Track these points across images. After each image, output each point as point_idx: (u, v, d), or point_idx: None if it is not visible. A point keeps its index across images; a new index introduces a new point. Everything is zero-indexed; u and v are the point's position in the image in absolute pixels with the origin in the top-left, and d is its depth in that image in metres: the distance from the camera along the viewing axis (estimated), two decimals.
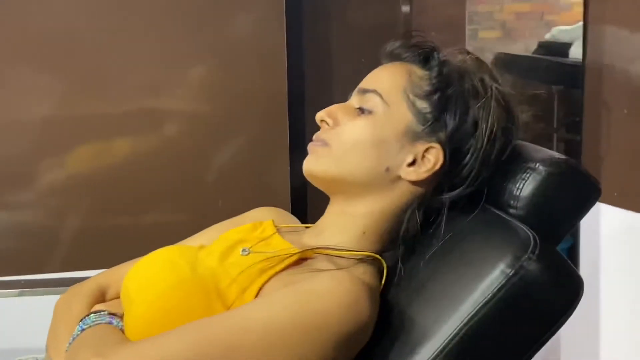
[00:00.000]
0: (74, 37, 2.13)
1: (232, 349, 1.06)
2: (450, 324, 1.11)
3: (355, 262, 1.21)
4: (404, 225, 1.24)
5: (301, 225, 1.40)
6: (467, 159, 1.22)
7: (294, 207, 2.20)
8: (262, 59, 2.22)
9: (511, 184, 1.22)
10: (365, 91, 1.26)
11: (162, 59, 2.19)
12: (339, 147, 1.23)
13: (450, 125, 1.22)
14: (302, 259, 1.22)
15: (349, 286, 1.12)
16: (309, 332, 1.08)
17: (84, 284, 1.35)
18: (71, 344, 1.17)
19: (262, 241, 1.29)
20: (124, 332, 1.17)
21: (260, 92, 2.22)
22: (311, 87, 2.36)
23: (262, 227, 1.34)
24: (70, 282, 1.42)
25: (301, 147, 2.14)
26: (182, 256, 1.25)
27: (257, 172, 2.25)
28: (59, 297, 1.35)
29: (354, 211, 1.25)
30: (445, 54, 1.27)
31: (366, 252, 1.24)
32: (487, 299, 1.10)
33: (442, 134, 1.22)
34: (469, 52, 1.28)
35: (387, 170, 1.23)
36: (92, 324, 1.18)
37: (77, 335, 1.17)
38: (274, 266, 1.18)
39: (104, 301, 1.32)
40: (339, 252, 1.22)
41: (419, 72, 1.25)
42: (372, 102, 1.24)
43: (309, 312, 1.09)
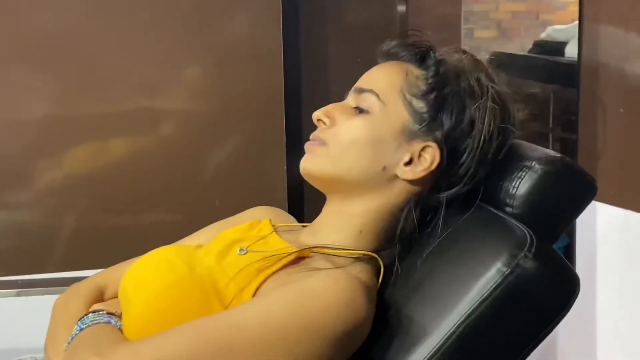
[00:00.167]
0: (71, 37, 2.13)
1: (230, 348, 1.06)
2: (447, 322, 1.11)
3: (352, 260, 1.21)
4: (401, 224, 1.24)
5: (298, 224, 1.40)
6: (464, 158, 1.22)
7: (291, 206, 2.20)
8: (259, 58, 2.21)
9: (507, 182, 1.21)
10: (361, 90, 1.26)
11: (159, 58, 2.18)
12: (336, 146, 1.23)
13: (446, 124, 1.22)
14: (299, 258, 1.22)
15: (345, 285, 1.12)
16: (306, 331, 1.08)
17: (82, 283, 1.35)
18: (70, 343, 1.17)
19: (260, 240, 1.29)
20: (122, 332, 1.17)
21: (256, 92, 2.22)
22: (307, 87, 2.36)
23: (259, 227, 1.34)
24: (68, 282, 1.42)
25: (298, 146, 2.15)
26: (180, 256, 1.25)
27: (254, 171, 2.25)
28: (57, 296, 1.34)
29: (351, 210, 1.25)
30: (441, 53, 1.27)
31: (363, 251, 1.24)
32: (484, 297, 1.10)
33: (438, 133, 1.22)
34: (465, 51, 1.28)
35: (384, 169, 1.23)
36: (90, 324, 1.18)
37: (76, 334, 1.17)
38: (271, 265, 1.19)
39: (102, 301, 1.31)
40: (336, 251, 1.22)
41: (415, 71, 1.25)
42: (369, 101, 1.24)
43: (306, 310, 1.09)
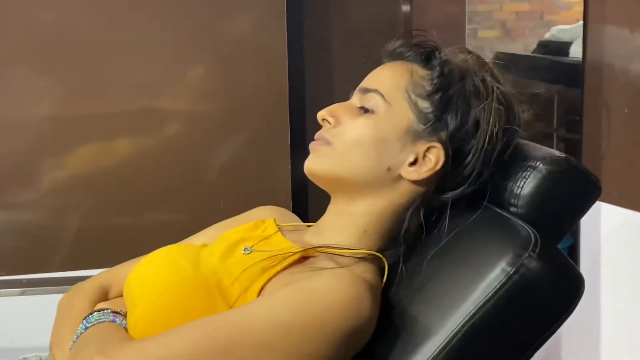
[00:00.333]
0: (75, 38, 2.13)
1: (234, 346, 1.06)
2: (452, 322, 1.11)
3: (356, 260, 1.21)
4: (405, 224, 1.24)
5: (302, 224, 1.40)
6: (469, 158, 1.21)
7: (295, 206, 2.20)
8: (263, 58, 2.22)
9: (512, 182, 1.21)
10: (366, 90, 1.26)
11: (163, 58, 2.19)
12: (340, 146, 1.23)
13: (451, 125, 1.21)
14: (303, 258, 1.22)
15: (349, 284, 1.12)
16: (310, 330, 1.08)
17: (87, 282, 1.35)
18: (75, 342, 1.17)
19: (264, 240, 1.29)
20: (127, 331, 1.17)
21: (261, 92, 2.22)
22: (312, 87, 2.36)
23: (263, 226, 1.34)
24: (72, 281, 1.42)
25: (302, 146, 2.14)
26: (184, 255, 1.25)
27: (258, 171, 2.25)
28: (62, 295, 1.35)
29: (355, 210, 1.25)
30: (446, 53, 1.27)
31: (367, 251, 1.24)
32: (489, 296, 1.10)
33: (443, 134, 1.22)
34: (470, 51, 1.28)
35: (389, 169, 1.23)
36: (95, 322, 1.19)
37: (81, 333, 1.17)
38: (275, 265, 1.19)
39: (106, 300, 1.32)
40: (340, 250, 1.22)
41: (420, 71, 1.25)
42: (374, 101, 1.24)
43: (310, 310, 1.09)
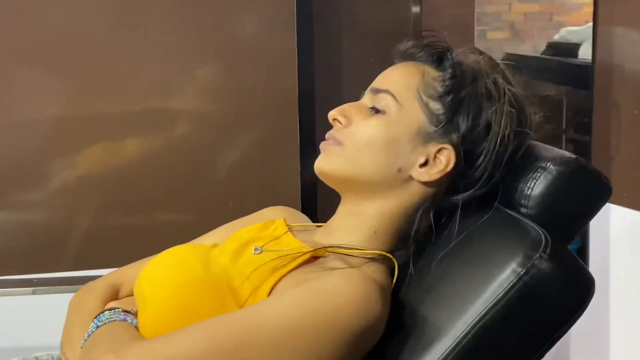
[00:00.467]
0: (84, 38, 2.13)
1: (245, 346, 1.06)
2: (462, 322, 1.11)
3: (366, 260, 1.21)
4: (415, 225, 1.24)
5: (312, 224, 1.41)
6: (480, 161, 1.21)
7: (305, 206, 2.20)
8: (273, 58, 2.21)
9: (522, 183, 1.21)
10: (377, 91, 1.26)
11: (172, 59, 2.19)
12: (352, 146, 1.23)
13: (462, 127, 1.21)
14: (313, 258, 1.22)
15: (360, 284, 1.13)
16: (320, 330, 1.09)
17: (97, 282, 1.36)
18: (86, 340, 1.17)
19: (274, 240, 1.29)
20: (138, 330, 1.17)
21: (270, 92, 2.22)
22: (321, 87, 2.35)
23: (273, 226, 1.34)
24: (82, 281, 1.43)
25: (311, 146, 2.15)
26: (195, 255, 1.25)
27: (268, 171, 2.24)
28: (73, 295, 1.35)
29: (366, 211, 1.25)
30: (457, 54, 1.27)
31: (377, 251, 1.24)
32: (499, 297, 1.10)
33: (454, 136, 1.21)
34: (482, 52, 1.28)
35: (399, 170, 1.23)
36: (106, 321, 1.19)
37: (92, 332, 1.18)
38: (286, 265, 1.19)
39: (117, 299, 1.32)
40: (351, 250, 1.22)
41: (432, 72, 1.25)
42: (385, 101, 1.24)
43: (320, 309, 1.10)
